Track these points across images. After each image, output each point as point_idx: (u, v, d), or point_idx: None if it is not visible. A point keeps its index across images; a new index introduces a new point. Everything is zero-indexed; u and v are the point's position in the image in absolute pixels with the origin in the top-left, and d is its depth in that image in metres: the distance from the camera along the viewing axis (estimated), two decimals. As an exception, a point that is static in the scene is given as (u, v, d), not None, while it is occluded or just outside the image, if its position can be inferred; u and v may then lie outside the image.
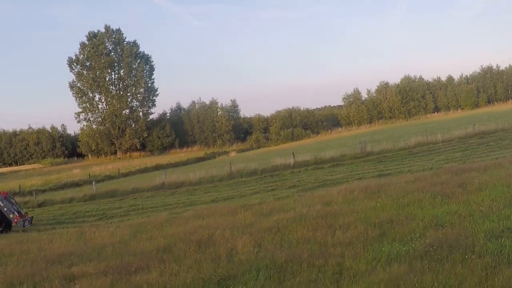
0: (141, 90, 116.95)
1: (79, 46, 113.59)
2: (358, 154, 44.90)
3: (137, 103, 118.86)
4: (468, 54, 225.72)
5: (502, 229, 12.41)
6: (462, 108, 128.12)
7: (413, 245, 12.05)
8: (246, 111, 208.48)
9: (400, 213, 15.89)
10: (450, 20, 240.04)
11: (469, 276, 9.70)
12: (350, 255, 12.16)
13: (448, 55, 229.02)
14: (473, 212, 14.52)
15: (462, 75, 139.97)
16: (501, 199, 15.54)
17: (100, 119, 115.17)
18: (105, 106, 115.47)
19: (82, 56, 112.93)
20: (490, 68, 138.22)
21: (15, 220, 29.19)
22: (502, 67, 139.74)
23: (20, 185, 55.92)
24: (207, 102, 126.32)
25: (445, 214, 14.71)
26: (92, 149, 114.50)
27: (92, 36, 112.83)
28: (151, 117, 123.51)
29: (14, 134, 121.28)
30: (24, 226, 29.05)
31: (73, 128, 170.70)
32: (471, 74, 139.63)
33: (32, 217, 31.01)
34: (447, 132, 49.33)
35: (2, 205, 29.41)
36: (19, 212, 29.74)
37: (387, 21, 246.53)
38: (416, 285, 9.69)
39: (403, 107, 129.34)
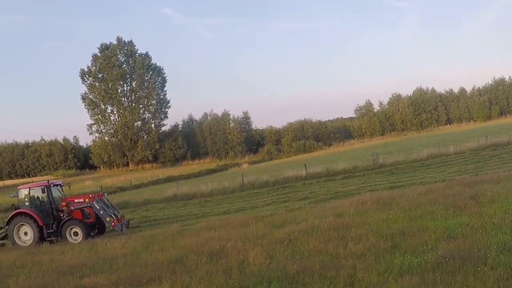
0: (153, 102, 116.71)
1: (91, 58, 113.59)
2: (370, 166, 44.83)
3: (149, 115, 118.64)
4: (481, 66, 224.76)
5: (515, 241, 12.35)
6: (475, 120, 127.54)
7: (425, 257, 12.02)
8: (258, 123, 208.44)
9: (412, 225, 15.86)
10: (462, 32, 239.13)
11: (482, 288, 9.67)
12: (362, 267, 12.15)
13: (461, 67, 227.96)
14: (486, 224, 14.48)
15: (475, 87, 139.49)
16: (513, 211, 15.47)
17: (112, 131, 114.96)
18: (117, 118, 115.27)
19: (94, 68, 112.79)
20: (502, 80, 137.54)
21: (112, 224, 27.70)
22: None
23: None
24: (219, 114, 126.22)
25: (457, 226, 14.69)
26: (104, 160, 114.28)
27: (104, 48, 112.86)
28: (163, 129, 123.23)
29: (27, 145, 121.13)
30: (122, 230, 27.65)
31: (85, 140, 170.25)
32: (484, 86, 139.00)
33: (129, 220, 29.86)
34: (460, 144, 49.19)
35: (97, 207, 27.93)
36: (115, 216, 28.28)
37: (399, 33, 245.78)
38: (428, 297, 9.68)
39: (415, 119, 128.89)
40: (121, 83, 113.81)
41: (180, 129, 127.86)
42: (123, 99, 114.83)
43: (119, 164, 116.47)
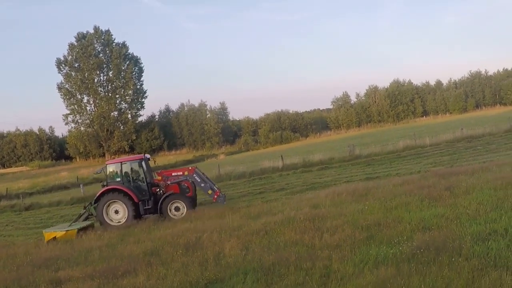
0: (130, 92, 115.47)
1: (68, 47, 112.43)
2: (347, 157, 44.89)
3: (126, 105, 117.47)
4: (457, 59, 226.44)
5: (489, 232, 12.46)
6: (451, 112, 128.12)
7: (401, 248, 12.09)
8: (235, 113, 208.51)
9: (387, 216, 15.94)
10: (440, 26, 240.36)
11: (456, 279, 9.74)
12: (338, 258, 12.19)
13: (438, 60, 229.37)
14: (460, 215, 14.58)
15: (451, 80, 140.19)
16: (488, 202, 15.59)
17: (88, 121, 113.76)
18: (93, 108, 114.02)
19: (70, 57, 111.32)
20: (478, 73, 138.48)
21: (215, 197, 26.77)
22: (491, 72, 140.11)
23: (7, 188, 55.21)
24: (196, 105, 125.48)
25: (432, 217, 14.77)
26: (80, 151, 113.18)
27: (81, 37, 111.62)
28: (139, 119, 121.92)
29: (1, 136, 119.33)
30: (224, 203, 26.65)
31: (61, 130, 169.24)
32: (460, 79, 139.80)
33: (225, 194, 28.90)
34: (435, 136, 49.39)
35: (198, 180, 27.13)
36: (212, 189, 27.34)
37: (378, 26, 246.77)
38: (404, 287, 9.70)
39: (392, 111, 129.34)
40: (98, 72, 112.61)
41: (156, 119, 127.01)
42: (99, 89, 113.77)
43: (95, 154, 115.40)
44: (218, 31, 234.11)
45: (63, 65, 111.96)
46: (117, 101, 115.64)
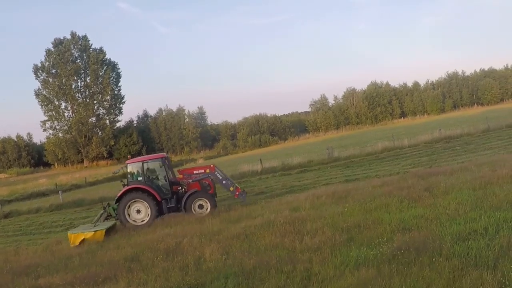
0: (108, 97, 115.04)
1: (45, 53, 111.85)
2: (325, 160, 44.98)
3: (104, 110, 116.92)
4: (435, 60, 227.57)
5: (469, 232, 12.50)
6: (428, 113, 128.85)
7: (381, 249, 12.10)
8: (214, 118, 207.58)
9: (367, 217, 15.96)
10: (417, 27, 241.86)
11: (437, 279, 9.76)
12: (318, 261, 12.18)
13: (415, 61, 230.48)
14: (440, 215, 14.63)
15: (428, 81, 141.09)
16: (467, 202, 15.67)
17: (66, 127, 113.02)
18: (71, 114, 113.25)
19: (47, 63, 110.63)
20: (455, 74, 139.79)
21: (237, 194, 27.21)
22: (468, 73, 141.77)
23: (-15, 196, 55.08)
24: (174, 109, 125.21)
25: (412, 218, 14.81)
26: (59, 158, 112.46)
27: (58, 43, 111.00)
28: (118, 125, 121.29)
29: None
30: (245, 200, 27.10)
31: (39, 136, 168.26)
32: (437, 80, 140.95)
33: (246, 191, 29.10)
34: (414, 137, 49.63)
35: (220, 178, 27.31)
36: (233, 186, 27.55)
37: (354, 27, 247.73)
38: (385, 289, 9.71)
39: (369, 113, 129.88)
40: (75, 78, 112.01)
41: (135, 125, 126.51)
42: (77, 95, 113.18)
43: (73, 161, 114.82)
44: (194, 36, 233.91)
45: (40, 71, 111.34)
46: (95, 107, 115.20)
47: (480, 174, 21.06)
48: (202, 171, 27.48)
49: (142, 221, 25.28)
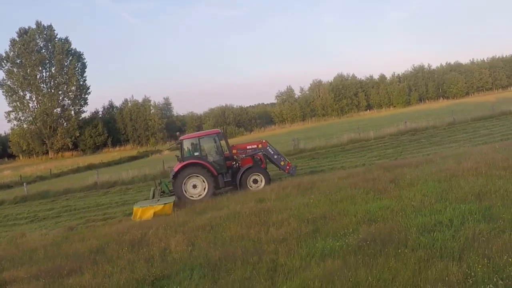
0: (73, 88, 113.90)
1: (9, 42, 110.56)
2: (291, 151, 44.97)
3: (69, 101, 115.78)
4: (401, 53, 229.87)
5: (434, 223, 12.56)
6: (394, 106, 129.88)
7: (347, 241, 12.11)
8: (180, 109, 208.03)
9: (333, 209, 15.97)
10: (384, 20, 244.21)
11: (403, 270, 9.77)
12: (284, 252, 12.16)
13: (382, 54, 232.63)
14: (405, 207, 14.67)
15: (394, 74, 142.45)
16: (432, 194, 15.75)
17: (31, 118, 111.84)
18: (36, 104, 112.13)
19: (12, 53, 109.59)
20: (421, 67, 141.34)
21: (287, 168, 28.05)
22: (433, 66, 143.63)
23: None
24: (140, 100, 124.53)
25: (377, 209, 14.84)
26: (23, 149, 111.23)
27: (23, 32, 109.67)
28: (83, 115, 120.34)
29: None
30: (294, 174, 27.99)
31: (3, 128, 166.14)
32: (403, 73, 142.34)
33: (296, 166, 29.92)
34: (379, 129, 49.95)
35: (271, 152, 28.08)
36: (284, 160, 28.47)
37: (322, 20, 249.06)
38: (351, 280, 9.70)
39: (336, 105, 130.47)
40: (40, 68, 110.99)
41: (100, 115, 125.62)
42: (42, 85, 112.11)
43: (38, 152, 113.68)
44: (162, 26, 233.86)
45: (4, 61, 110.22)
46: (60, 98, 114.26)
47: (445, 166, 21.17)
48: (255, 146, 28.26)
49: (200, 195, 25.63)
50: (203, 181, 25.74)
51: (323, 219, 14.87)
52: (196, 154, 26.53)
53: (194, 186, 25.84)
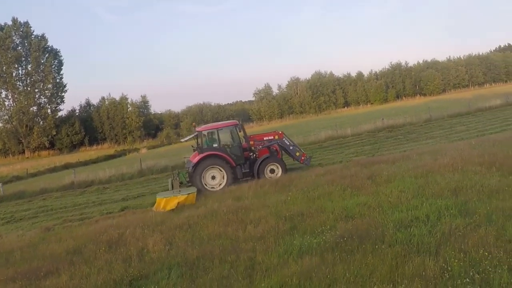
0: (49, 86, 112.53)
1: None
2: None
3: (45, 99, 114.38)
4: (379, 52, 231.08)
5: (411, 219, 12.65)
6: (372, 103, 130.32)
7: (324, 237, 12.14)
8: (157, 107, 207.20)
9: (310, 206, 16.01)
10: (362, 18, 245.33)
11: (380, 266, 9.83)
12: (262, 250, 12.17)
13: (359, 52, 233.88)
14: (382, 203, 14.76)
15: (372, 71, 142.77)
16: (409, 190, 15.86)
17: (6, 117, 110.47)
18: (11, 103, 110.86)
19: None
20: (399, 65, 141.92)
21: (302, 159, 28.48)
22: (411, 64, 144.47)
23: None
24: (117, 98, 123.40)
25: (355, 206, 14.91)
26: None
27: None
28: (59, 114, 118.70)
29: None
30: (309, 164, 28.56)
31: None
32: (381, 70, 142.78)
33: (311, 156, 30.14)
34: (357, 126, 50.09)
35: (287, 143, 28.44)
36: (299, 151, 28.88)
37: (302, 17, 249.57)
38: (328, 276, 9.73)
39: (313, 102, 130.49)
40: (16, 66, 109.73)
41: (77, 114, 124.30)
42: (18, 83, 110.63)
43: (14, 152, 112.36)
44: (139, 23, 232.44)
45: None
46: (37, 96, 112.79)
47: (422, 162, 21.31)
48: (272, 137, 28.64)
49: (220, 185, 25.93)
50: (222, 172, 26.06)
51: (301, 216, 14.91)
52: (214, 145, 26.81)
53: (213, 177, 26.16)
